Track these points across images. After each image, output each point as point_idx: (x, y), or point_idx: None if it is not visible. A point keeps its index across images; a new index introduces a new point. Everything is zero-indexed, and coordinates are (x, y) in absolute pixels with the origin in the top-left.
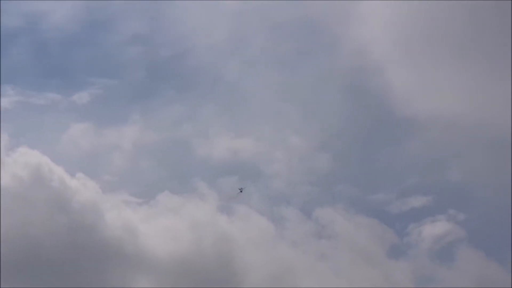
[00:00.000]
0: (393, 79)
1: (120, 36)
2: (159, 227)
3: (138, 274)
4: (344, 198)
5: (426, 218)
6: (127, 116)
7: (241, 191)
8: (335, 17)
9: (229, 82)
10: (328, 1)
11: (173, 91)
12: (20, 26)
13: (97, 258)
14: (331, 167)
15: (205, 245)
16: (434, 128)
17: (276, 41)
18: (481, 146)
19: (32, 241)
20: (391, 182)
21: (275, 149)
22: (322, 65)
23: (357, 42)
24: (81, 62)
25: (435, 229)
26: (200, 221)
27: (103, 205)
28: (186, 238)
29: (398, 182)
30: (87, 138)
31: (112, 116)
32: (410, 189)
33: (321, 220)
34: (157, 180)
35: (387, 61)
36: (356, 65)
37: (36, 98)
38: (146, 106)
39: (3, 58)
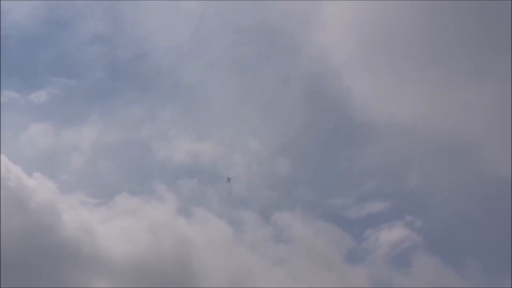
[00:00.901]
0: (352, 85)
1: (80, 36)
2: (117, 228)
3: (95, 275)
4: (302, 202)
5: (384, 224)
6: (86, 117)
7: (229, 181)
8: (296, 22)
9: (189, 84)
10: (289, 6)
11: (133, 92)
12: None
13: (54, 259)
14: (290, 171)
15: (163, 247)
16: (392, 134)
17: (237, 44)
18: (438, 152)
19: None
20: (350, 187)
21: (234, 153)
22: (283, 69)
23: (317, 48)
24: (40, 61)
25: (392, 234)
26: (158, 223)
27: (60, 206)
28: (144, 240)
29: (356, 187)
30: (45, 138)
31: (71, 116)
32: (368, 194)
33: (279, 224)
34: (116, 181)
35: (346, 67)
36: (316, 70)
37: None
38: (106, 107)
39: None
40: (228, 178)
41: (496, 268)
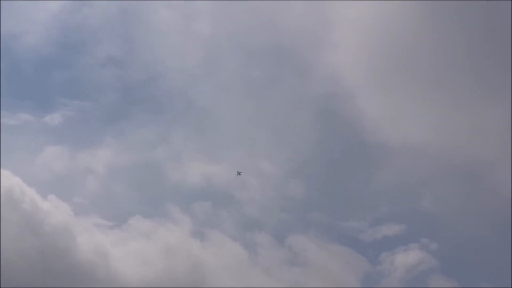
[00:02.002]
0: (364, 106)
1: (94, 58)
2: (131, 251)
3: None
4: (317, 225)
5: (399, 247)
6: (100, 139)
7: (239, 174)
8: (307, 43)
9: (201, 106)
10: (301, 27)
11: (146, 114)
12: None
13: (68, 281)
14: (304, 194)
15: (177, 270)
16: (405, 155)
17: (249, 66)
18: (451, 174)
19: (2, 263)
20: (364, 209)
21: (248, 175)
22: (294, 91)
23: (329, 69)
24: (54, 84)
25: (407, 257)
26: (172, 245)
27: (74, 228)
28: (158, 263)
29: (370, 210)
30: (60, 160)
31: (85, 138)
32: (382, 217)
33: (294, 247)
34: (129, 203)
35: (358, 88)
36: (327, 92)
37: (8, 119)
38: (119, 129)
39: None
40: (238, 172)
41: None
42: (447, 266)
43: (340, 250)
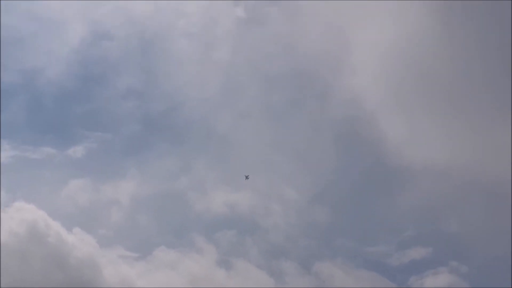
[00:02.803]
0: (385, 128)
1: (114, 90)
2: (157, 282)
3: None
4: (342, 251)
5: (428, 271)
6: (123, 170)
7: (247, 178)
8: (326, 67)
9: (222, 134)
10: (319, 51)
11: (167, 144)
12: (17, 82)
13: None
14: (328, 219)
15: None
16: (429, 177)
17: (268, 92)
18: (477, 195)
19: None
20: (389, 233)
21: (271, 202)
22: (315, 115)
23: (349, 92)
24: (75, 117)
25: (437, 281)
26: (198, 276)
27: (100, 260)
28: None
29: (396, 233)
30: (83, 193)
31: (108, 170)
32: (409, 240)
33: (320, 274)
34: (154, 234)
35: (379, 110)
36: (348, 115)
37: (31, 153)
38: (141, 160)
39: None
40: (246, 176)
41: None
42: None
43: (367, 275)
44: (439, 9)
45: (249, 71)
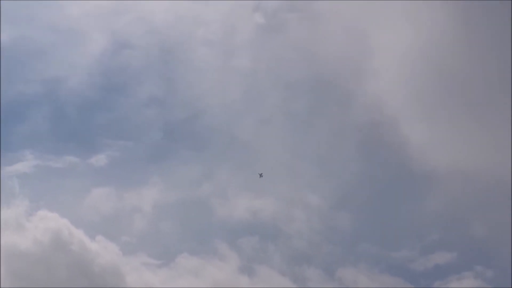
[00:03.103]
0: (408, 133)
1: (136, 99)
2: None
3: None
4: (366, 257)
5: (452, 275)
6: (146, 178)
7: (261, 176)
8: (348, 73)
9: (244, 141)
10: (340, 57)
11: (190, 151)
12: (39, 93)
13: None
14: (351, 225)
15: None
16: (453, 182)
17: (290, 99)
18: (502, 199)
19: None
20: (413, 238)
21: (294, 208)
22: (337, 121)
23: (371, 97)
24: (97, 125)
25: (462, 286)
26: (221, 282)
27: (123, 268)
28: None
29: (420, 238)
30: (106, 200)
31: (131, 178)
32: (433, 245)
33: (344, 280)
34: (176, 241)
35: (402, 115)
36: (371, 120)
37: (54, 162)
38: (164, 167)
39: (23, 125)
40: (260, 174)
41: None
42: None
43: (391, 281)
44: (460, 11)
45: (270, 78)
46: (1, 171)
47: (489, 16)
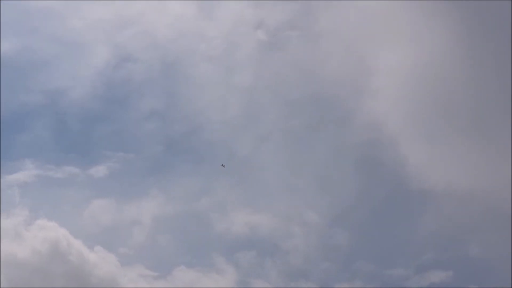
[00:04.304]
0: (406, 152)
1: (137, 112)
2: None
3: None
4: (362, 274)
5: None
6: (145, 190)
7: (223, 166)
8: (346, 92)
9: (242, 156)
10: (339, 76)
11: (189, 165)
12: (41, 103)
13: None
14: (348, 242)
15: None
16: (450, 202)
17: (289, 116)
18: (498, 220)
19: None
20: (409, 256)
21: (291, 224)
22: (335, 139)
23: (369, 116)
24: (98, 137)
25: None
26: None
27: (121, 279)
28: None
29: (416, 256)
30: (105, 211)
31: (130, 189)
32: (428, 263)
33: None
34: (174, 254)
35: (400, 134)
36: (369, 139)
37: (54, 172)
38: (163, 180)
39: (24, 134)
40: (223, 165)
41: None
42: None
43: None
44: (461, 33)
45: (270, 94)
46: (1, 179)
47: (490, 37)
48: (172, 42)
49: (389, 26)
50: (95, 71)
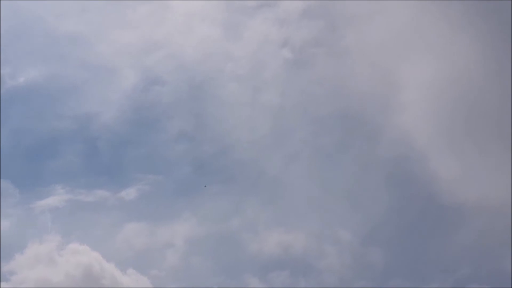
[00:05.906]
0: (437, 167)
1: (166, 134)
2: None
3: None
4: None
5: None
6: (176, 212)
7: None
8: (375, 107)
9: (272, 176)
10: (367, 92)
11: (219, 185)
12: (71, 128)
13: None
14: (382, 260)
15: None
16: (483, 215)
17: (317, 134)
18: None
19: None
20: (444, 272)
21: (324, 243)
22: (365, 155)
23: (399, 131)
24: (128, 160)
25: None
26: None
27: None
28: None
29: (451, 272)
30: (137, 234)
31: (160, 212)
32: (464, 279)
33: None
34: (206, 275)
35: (430, 149)
36: (398, 154)
37: (85, 196)
38: (194, 202)
39: (55, 160)
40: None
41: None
42: None
43: None
44: (489, 46)
45: (298, 113)
46: (34, 205)
47: None
48: (199, 64)
49: (415, 41)
50: (123, 95)
